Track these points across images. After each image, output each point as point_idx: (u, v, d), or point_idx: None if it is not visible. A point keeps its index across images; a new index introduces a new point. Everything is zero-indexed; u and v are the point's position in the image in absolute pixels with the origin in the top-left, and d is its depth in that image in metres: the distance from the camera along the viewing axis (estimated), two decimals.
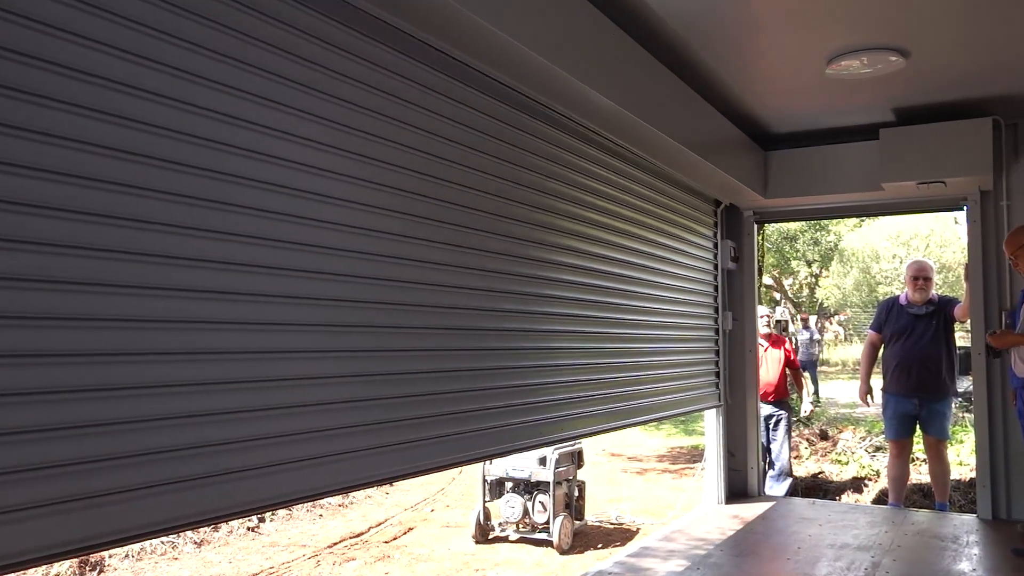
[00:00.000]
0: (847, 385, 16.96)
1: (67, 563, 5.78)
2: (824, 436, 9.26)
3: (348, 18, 2.24)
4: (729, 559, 4.19)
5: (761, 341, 6.78)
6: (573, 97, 3.11)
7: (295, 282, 2.04)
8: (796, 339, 14.47)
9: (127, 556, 6.14)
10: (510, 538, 6.45)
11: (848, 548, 4.32)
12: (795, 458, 8.09)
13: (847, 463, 8.14)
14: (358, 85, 2.29)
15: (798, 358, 7.17)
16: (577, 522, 6.48)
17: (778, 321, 6.97)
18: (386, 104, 2.39)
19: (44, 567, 5.71)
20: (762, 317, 6.86)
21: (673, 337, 4.68)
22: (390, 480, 2.43)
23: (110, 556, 6.09)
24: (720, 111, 4.52)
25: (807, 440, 8.85)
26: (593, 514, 7.13)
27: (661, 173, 4.46)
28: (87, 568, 5.86)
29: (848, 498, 6.97)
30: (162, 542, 6.37)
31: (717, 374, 5.47)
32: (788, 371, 6.78)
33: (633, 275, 4.11)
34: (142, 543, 6.27)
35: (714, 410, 5.58)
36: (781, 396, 6.70)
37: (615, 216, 3.92)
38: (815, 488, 7.25)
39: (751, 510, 5.32)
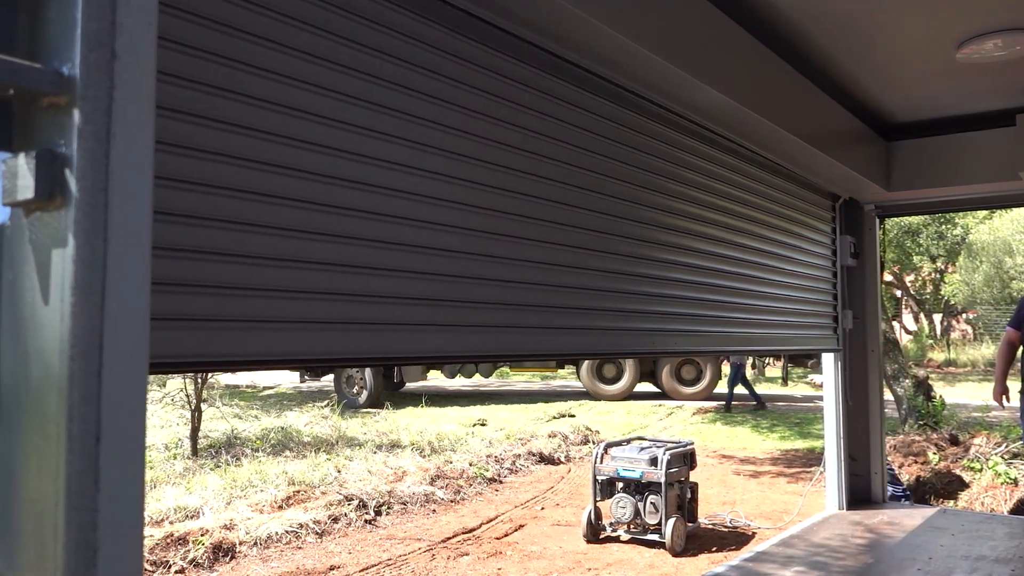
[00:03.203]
0: (978, 387, 15.95)
1: (202, 546, 6.18)
2: (954, 441, 8.75)
3: (462, 26, 2.31)
4: (853, 567, 4.03)
5: None
6: (682, 92, 3.07)
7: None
8: None
9: (255, 544, 6.48)
10: (621, 538, 6.42)
11: (985, 560, 4.08)
12: (923, 463, 7.69)
13: (980, 470, 7.67)
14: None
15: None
16: (690, 524, 6.39)
17: None
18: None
19: (183, 548, 6.13)
20: None
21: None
22: (554, 357, 2.73)
23: (240, 543, 6.45)
24: (839, 102, 4.36)
25: (936, 445, 8.39)
26: (706, 516, 7.01)
27: (774, 166, 4.33)
28: (220, 553, 6.23)
29: (982, 507, 6.57)
30: (287, 531, 6.70)
31: (835, 319, 5.23)
32: None
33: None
34: (272, 531, 6.62)
35: (833, 414, 5.37)
36: None
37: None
38: (946, 496, 6.87)
39: (875, 517, 5.09)
